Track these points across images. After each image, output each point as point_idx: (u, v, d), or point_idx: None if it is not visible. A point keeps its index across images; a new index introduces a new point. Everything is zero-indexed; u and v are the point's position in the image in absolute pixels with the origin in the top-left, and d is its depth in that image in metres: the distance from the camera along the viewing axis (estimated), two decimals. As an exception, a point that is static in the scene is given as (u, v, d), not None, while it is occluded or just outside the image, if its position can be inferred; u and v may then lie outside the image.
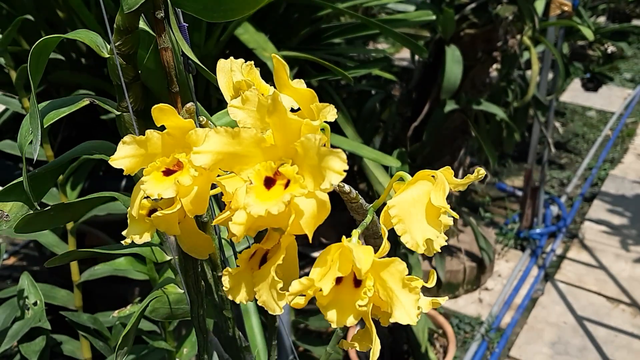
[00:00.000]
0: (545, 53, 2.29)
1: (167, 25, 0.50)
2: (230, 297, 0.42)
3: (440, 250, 0.40)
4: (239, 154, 0.39)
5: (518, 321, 2.17)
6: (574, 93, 3.95)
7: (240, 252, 0.43)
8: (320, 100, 0.45)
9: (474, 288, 2.33)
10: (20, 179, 0.52)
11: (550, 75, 2.50)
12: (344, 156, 0.36)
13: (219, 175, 0.43)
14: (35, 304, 0.87)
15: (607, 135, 3.55)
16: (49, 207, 0.55)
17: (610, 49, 3.11)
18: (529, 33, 2.02)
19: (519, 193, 2.81)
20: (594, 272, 2.42)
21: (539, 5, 2.01)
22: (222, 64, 0.50)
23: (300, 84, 0.46)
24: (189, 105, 0.48)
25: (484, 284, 2.36)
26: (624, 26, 3.43)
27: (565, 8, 2.16)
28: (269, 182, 0.38)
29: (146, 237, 0.44)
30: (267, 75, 0.51)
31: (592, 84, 3.15)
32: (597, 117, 3.78)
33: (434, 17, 1.46)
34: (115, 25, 0.50)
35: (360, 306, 0.38)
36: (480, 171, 0.44)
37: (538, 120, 2.34)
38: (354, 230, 0.42)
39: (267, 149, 0.39)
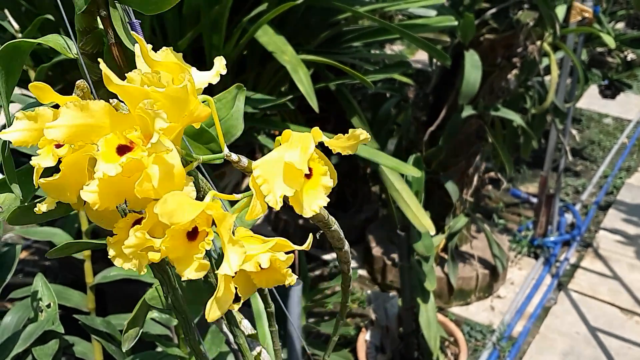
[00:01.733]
0: (564, 59, 2.26)
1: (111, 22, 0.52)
2: (116, 264, 0.44)
3: (317, 211, 0.41)
4: (93, 125, 0.40)
5: (530, 330, 2.15)
6: (590, 100, 3.90)
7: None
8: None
9: (486, 295, 2.31)
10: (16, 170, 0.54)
11: (568, 82, 2.47)
12: (164, 115, 0.38)
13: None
14: (48, 306, 0.87)
15: (624, 143, 3.51)
16: (39, 200, 0.56)
17: (630, 56, 3.07)
18: (549, 39, 2.00)
19: (534, 200, 2.78)
20: (607, 282, 2.39)
21: (560, 12, 1.98)
22: (136, 49, 0.51)
23: (166, 55, 0.47)
24: (79, 82, 0.49)
25: (496, 291, 2.34)
26: (644, 33, 3.38)
27: (586, 14, 2.13)
28: (123, 150, 0.40)
29: (46, 207, 0.47)
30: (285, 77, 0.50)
31: (610, 91, 3.12)
32: (614, 124, 3.74)
33: (456, 23, 1.44)
34: (76, 27, 0.52)
35: (197, 258, 0.41)
36: (359, 131, 0.43)
37: (556, 127, 2.31)
38: (210, 192, 0.44)
39: (119, 120, 0.41)
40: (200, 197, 0.50)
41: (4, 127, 1.30)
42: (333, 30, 1.42)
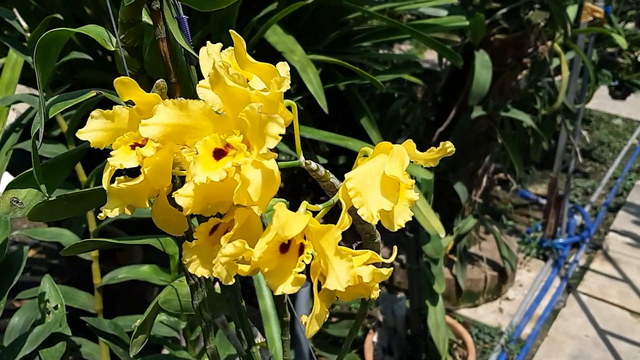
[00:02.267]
0: (574, 60, 2.24)
1: (163, 17, 0.51)
2: (190, 271, 0.42)
3: (404, 226, 0.40)
4: (190, 126, 0.39)
5: (539, 333, 2.13)
6: (600, 100, 3.88)
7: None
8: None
9: (495, 297, 2.29)
10: (31, 169, 0.53)
11: (578, 82, 2.45)
12: (282, 121, 0.36)
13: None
14: (56, 307, 0.86)
15: (634, 144, 3.48)
16: (62, 196, 0.56)
17: (641, 56, 3.05)
18: (560, 39, 1.98)
19: (542, 201, 2.76)
20: (617, 284, 2.37)
21: (571, 12, 1.97)
22: (202, 51, 0.50)
23: (286, 67, 0.46)
24: (159, 81, 0.48)
25: (504, 293, 2.32)
26: (655, 33, 3.35)
27: (597, 15, 2.11)
28: (219, 154, 0.38)
29: (115, 212, 0.44)
30: (294, 77, 0.50)
31: (620, 91, 3.09)
32: (624, 125, 3.71)
33: (467, 23, 1.42)
34: (119, 19, 0.51)
35: (297, 273, 0.39)
36: (448, 144, 0.43)
37: (566, 128, 2.29)
38: (303, 202, 0.42)
39: (218, 122, 0.39)
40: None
41: (28, 111, 1.28)
42: (342, 30, 1.41)
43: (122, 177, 0.45)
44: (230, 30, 0.45)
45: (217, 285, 0.66)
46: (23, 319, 0.87)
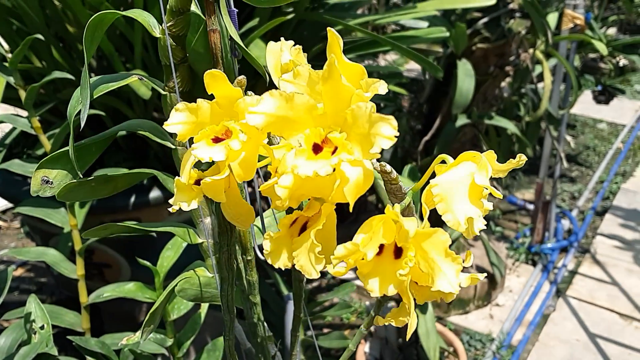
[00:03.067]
0: (557, 66, 2.27)
1: (217, 8, 0.53)
2: (270, 261, 0.43)
3: (479, 233, 0.41)
4: (290, 119, 0.40)
5: (529, 338, 2.14)
6: (584, 105, 3.92)
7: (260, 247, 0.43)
8: None
9: (485, 304, 2.30)
10: (67, 148, 0.55)
11: (561, 88, 2.48)
12: (395, 123, 0.37)
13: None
14: (42, 327, 0.86)
15: (619, 148, 3.52)
16: (92, 178, 0.58)
17: (622, 61, 3.09)
18: (542, 47, 2.00)
19: (530, 206, 2.78)
20: (606, 287, 2.38)
21: (552, 19, 1.99)
22: (271, 45, 0.52)
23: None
24: (240, 78, 0.49)
25: (494, 299, 2.33)
26: (636, 39, 3.40)
27: (578, 22, 2.14)
28: (316, 149, 0.39)
29: (193, 205, 0.46)
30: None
31: (604, 96, 3.13)
32: (608, 129, 3.75)
33: (447, 34, 1.44)
34: (168, 6, 0.53)
35: (401, 275, 0.39)
36: (522, 157, 0.44)
37: (550, 133, 2.31)
38: (396, 204, 0.43)
39: (317, 117, 0.40)
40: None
41: (11, 131, 1.28)
42: (325, 43, 1.42)
43: (193, 172, 0.46)
44: (328, 28, 0.46)
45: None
46: (9, 339, 0.87)
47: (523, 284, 2.41)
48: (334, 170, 0.37)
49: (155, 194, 1.32)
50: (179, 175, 0.47)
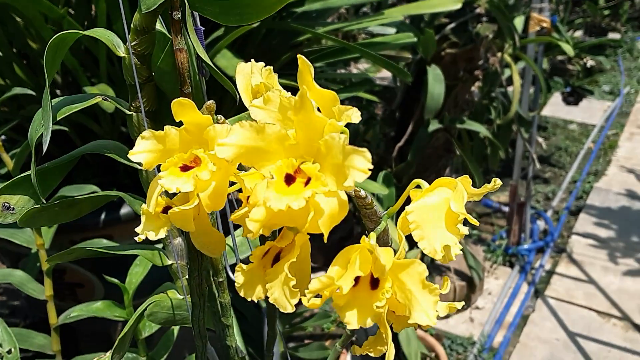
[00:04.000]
0: (525, 69, 2.30)
1: (183, 27, 0.52)
2: (242, 294, 0.42)
3: (455, 258, 0.41)
4: (262, 149, 0.39)
5: (510, 340, 2.15)
6: (554, 107, 3.97)
7: (232, 266, 0.43)
8: None
9: (465, 307, 2.30)
10: (29, 172, 0.53)
11: (531, 91, 2.51)
12: (369, 155, 0.36)
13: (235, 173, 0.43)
14: (9, 352, 0.83)
15: (590, 148, 3.57)
16: (55, 202, 0.56)
17: (589, 62, 3.14)
18: (510, 50, 2.02)
19: (505, 209, 2.80)
20: (583, 286, 2.41)
21: (519, 23, 2.02)
22: (241, 66, 0.51)
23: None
24: (209, 103, 0.48)
25: (474, 302, 2.33)
26: (602, 40, 3.47)
27: (544, 24, 2.17)
28: (289, 179, 0.38)
29: (161, 234, 0.44)
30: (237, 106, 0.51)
31: (573, 97, 3.18)
32: (579, 130, 3.80)
33: (415, 39, 1.45)
34: (132, 25, 0.52)
35: (378, 307, 0.39)
36: (497, 181, 0.44)
37: (521, 136, 2.33)
38: (371, 233, 0.42)
39: (289, 147, 0.39)
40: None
41: None
42: (294, 52, 1.42)
43: (160, 199, 0.45)
44: (299, 55, 0.45)
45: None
46: (-24, 366, 0.84)
47: (501, 285, 2.43)
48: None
49: (126, 210, 1.30)
50: (145, 197, 0.46)
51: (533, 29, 2.15)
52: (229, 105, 1.37)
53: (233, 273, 0.64)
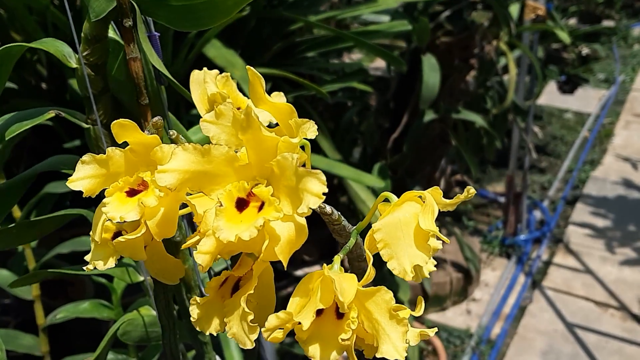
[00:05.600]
0: (521, 58, 2.27)
1: (136, 34, 0.49)
2: (198, 329, 0.39)
3: (429, 276, 0.38)
4: (209, 173, 0.36)
5: (508, 331, 2.13)
6: (550, 96, 3.95)
7: (217, 274, 0.41)
8: (299, 115, 0.41)
9: (462, 299, 2.28)
10: None
11: (527, 80, 2.48)
12: (324, 178, 0.33)
13: (189, 194, 0.40)
14: (-5, 354, 0.80)
15: (585, 137, 3.55)
16: (12, 225, 0.54)
17: (584, 51, 3.11)
18: (505, 38, 2.00)
19: (501, 199, 2.78)
20: (581, 276, 2.39)
21: (514, 11, 1.99)
22: (195, 75, 0.48)
23: (279, 97, 0.44)
24: (155, 119, 0.45)
25: (471, 294, 2.32)
26: (596, 28, 3.44)
27: (539, 12, 2.14)
28: (241, 204, 0.35)
29: (110, 263, 0.41)
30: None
31: (568, 86, 3.15)
32: (574, 118, 3.78)
33: (409, 27, 1.41)
34: (82, 34, 0.49)
35: (343, 340, 0.36)
36: (470, 190, 0.41)
37: (517, 125, 2.31)
38: (336, 257, 0.39)
39: (240, 168, 0.36)
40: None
41: None
42: (286, 42, 1.39)
43: (109, 224, 0.41)
44: (247, 67, 0.42)
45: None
46: (-41, 369, 0.81)
47: (498, 277, 2.41)
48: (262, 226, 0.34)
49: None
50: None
51: (528, 16, 2.12)
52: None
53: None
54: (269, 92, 0.50)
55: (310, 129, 0.38)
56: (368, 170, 1.70)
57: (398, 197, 0.42)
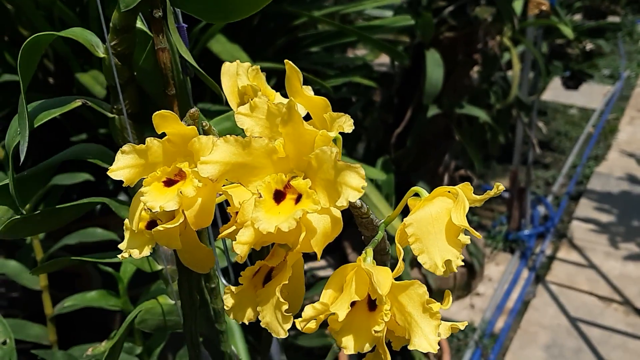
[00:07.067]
0: (525, 53, 2.27)
1: (165, 25, 0.49)
2: (231, 318, 0.40)
3: (457, 271, 0.38)
4: (249, 165, 0.37)
5: (511, 326, 2.14)
6: (554, 92, 3.95)
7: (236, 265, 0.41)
8: None
9: (465, 293, 2.29)
10: (6, 181, 0.51)
11: (531, 75, 2.48)
12: (363, 172, 0.34)
13: (224, 185, 0.41)
14: (4, 342, 0.82)
15: (590, 133, 3.55)
16: (38, 212, 0.54)
17: (589, 46, 3.11)
18: (509, 34, 2.00)
19: (505, 195, 2.79)
20: (584, 271, 2.40)
21: (518, 6, 1.99)
22: (227, 67, 0.48)
23: (309, 91, 0.44)
24: (192, 110, 0.46)
25: (475, 289, 2.32)
26: (601, 23, 3.44)
27: (543, 7, 2.14)
28: (278, 196, 0.36)
29: (146, 252, 0.42)
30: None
31: (573, 82, 3.15)
32: (579, 114, 3.78)
33: (412, 22, 1.42)
34: (111, 24, 0.49)
35: (376, 332, 0.36)
36: (500, 186, 0.42)
37: (521, 120, 2.31)
38: (367, 249, 0.40)
39: (278, 161, 0.37)
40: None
41: None
42: (290, 36, 1.40)
43: (144, 213, 0.42)
44: (286, 61, 0.43)
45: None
46: (-31, 357, 0.82)
47: (502, 272, 2.41)
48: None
49: (123, 198, 1.28)
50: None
51: (532, 11, 2.13)
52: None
53: (224, 277, 0.63)
54: (274, 88, 0.51)
55: (347, 123, 0.39)
56: (372, 164, 1.71)
57: (401, 193, 0.43)
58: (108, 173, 0.41)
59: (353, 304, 0.37)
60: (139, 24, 0.50)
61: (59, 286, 1.37)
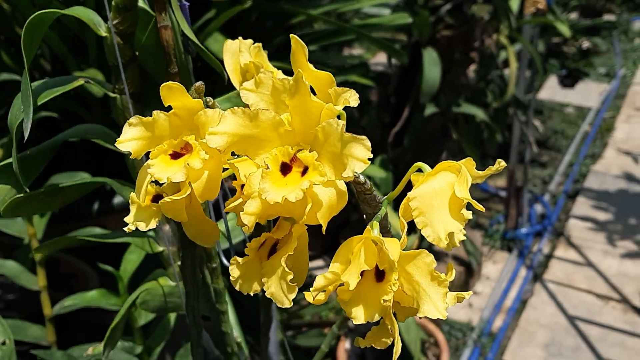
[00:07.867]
0: (521, 51, 2.27)
1: (167, 3, 0.49)
2: (237, 288, 0.40)
3: (459, 245, 0.39)
4: (256, 137, 0.37)
5: (509, 324, 2.14)
6: (551, 90, 3.95)
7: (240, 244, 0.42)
8: None
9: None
10: (9, 160, 0.51)
11: (527, 74, 2.49)
12: (369, 144, 0.35)
13: (229, 160, 0.41)
14: (3, 343, 0.81)
15: (586, 131, 3.55)
16: (40, 190, 0.55)
17: (585, 44, 3.12)
18: (505, 32, 2.00)
19: (502, 193, 2.79)
20: (582, 269, 2.40)
21: (514, 4, 1.99)
22: (229, 44, 0.49)
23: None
24: (198, 84, 0.46)
25: (472, 287, 2.32)
26: (597, 22, 3.44)
27: (540, 5, 2.14)
28: (285, 168, 0.37)
29: (152, 224, 0.42)
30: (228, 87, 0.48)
31: (569, 80, 3.15)
32: (575, 113, 3.78)
33: (410, 20, 1.42)
34: (113, 3, 0.49)
35: (385, 301, 0.37)
36: (501, 163, 0.42)
37: (518, 119, 2.31)
38: (373, 222, 0.41)
39: (284, 134, 0.37)
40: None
41: None
42: (287, 35, 1.39)
43: (150, 187, 0.43)
44: (291, 35, 0.43)
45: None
46: (-33, 358, 0.82)
47: (500, 270, 2.42)
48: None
49: (119, 199, 1.27)
50: (134, 183, 0.44)
51: (528, 10, 2.13)
52: (221, 88, 1.35)
53: (225, 258, 0.63)
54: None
55: (352, 97, 0.39)
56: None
57: (400, 188, 0.43)
58: (116, 144, 0.41)
59: (362, 274, 0.37)
60: (140, 3, 0.50)
61: (56, 287, 1.36)
